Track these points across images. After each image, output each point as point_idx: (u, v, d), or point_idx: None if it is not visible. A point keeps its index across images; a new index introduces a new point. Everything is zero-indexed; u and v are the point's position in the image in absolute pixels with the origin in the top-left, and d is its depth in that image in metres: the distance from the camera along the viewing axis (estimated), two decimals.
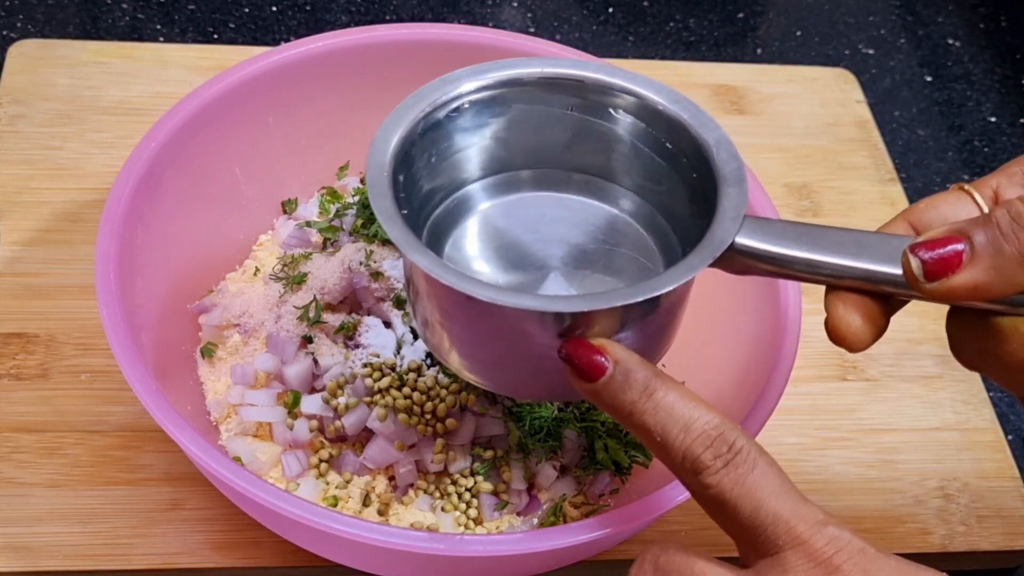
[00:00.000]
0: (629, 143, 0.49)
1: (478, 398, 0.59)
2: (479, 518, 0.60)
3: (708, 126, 0.46)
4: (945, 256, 0.39)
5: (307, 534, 0.53)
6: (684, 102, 0.47)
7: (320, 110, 0.68)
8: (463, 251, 0.49)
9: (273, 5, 0.95)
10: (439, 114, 0.47)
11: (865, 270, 0.42)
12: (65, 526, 0.59)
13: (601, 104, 0.49)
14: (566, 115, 0.49)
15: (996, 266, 0.39)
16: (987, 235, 0.39)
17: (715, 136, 0.46)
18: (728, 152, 0.45)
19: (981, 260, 0.39)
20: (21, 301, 0.68)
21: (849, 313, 0.42)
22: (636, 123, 0.49)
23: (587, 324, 0.42)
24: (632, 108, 0.48)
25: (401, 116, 0.46)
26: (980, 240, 0.39)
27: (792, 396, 0.66)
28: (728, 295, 0.64)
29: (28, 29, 0.88)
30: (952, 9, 1.06)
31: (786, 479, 0.39)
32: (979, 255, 0.39)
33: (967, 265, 0.39)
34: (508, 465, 0.60)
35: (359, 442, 0.61)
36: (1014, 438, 0.74)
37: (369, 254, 0.61)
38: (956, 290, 0.39)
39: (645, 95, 0.48)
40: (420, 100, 0.47)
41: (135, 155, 0.58)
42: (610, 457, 0.62)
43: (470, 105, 0.48)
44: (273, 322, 0.62)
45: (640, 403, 0.40)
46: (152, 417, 0.50)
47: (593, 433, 0.61)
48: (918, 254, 0.40)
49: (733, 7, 1.02)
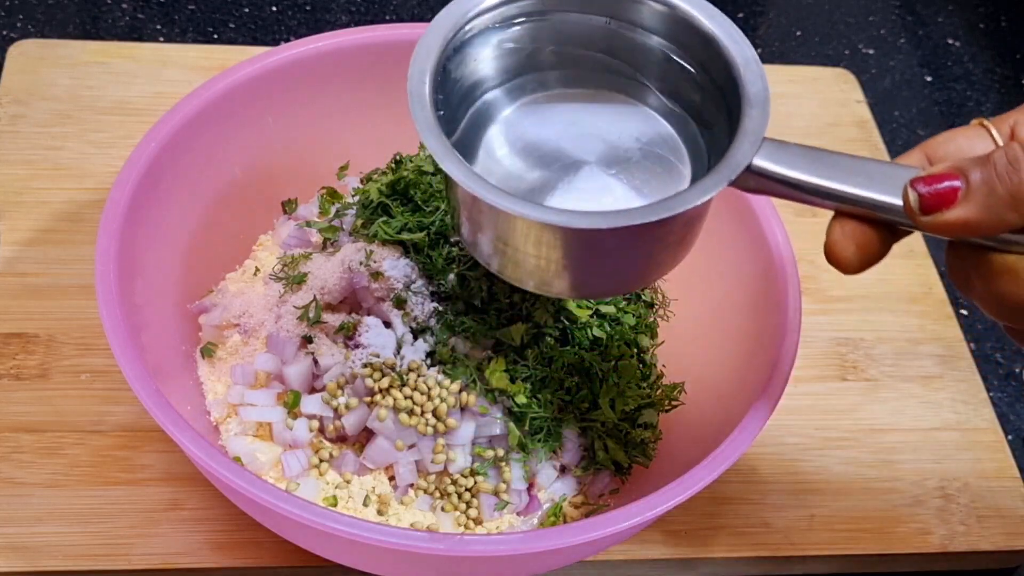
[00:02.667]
0: (662, 55, 0.51)
1: (478, 398, 0.59)
2: (479, 518, 0.60)
3: (739, 43, 0.48)
4: (941, 191, 0.41)
5: (307, 534, 0.53)
6: (718, 17, 0.49)
7: (320, 110, 0.68)
8: (500, 147, 0.51)
9: (273, 5, 0.95)
10: (478, 23, 0.49)
11: (870, 199, 0.43)
12: (65, 526, 0.60)
13: (637, 16, 0.50)
14: (603, 27, 0.51)
15: (987, 205, 0.41)
16: (983, 174, 0.41)
17: (744, 55, 0.47)
18: (755, 72, 0.47)
19: (974, 198, 0.41)
20: (21, 301, 0.68)
21: (844, 238, 0.44)
22: (670, 36, 0.50)
23: (608, 239, 0.45)
24: (667, 21, 0.50)
25: (442, 24, 0.48)
26: (975, 179, 0.41)
27: (792, 396, 0.66)
28: (729, 295, 0.64)
29: (28, 29, 0.88)
30: (952, 9, 1.06)
31: None
32: (973, 193, 0.41)
33: (960, 202, 0.41)
34: (508, 465, 0.60)
35: (359, 442, 0.61)
36: (1014, 438, 0.74)
37: (369, 254, 0.61)
38: (948, 224, 0.41)
39: (679, 6, 0.49)
40: (461, 8, 0.49)
41: (135, 155, 0.58)
42: (610, 457, 0.62)
43: (507, 14, 0.50)
44: (273, 322, 0.62)
45: None
46: (152, 417, 0.50)
47: (593, 433, 0.61)
48: (917, 187, 0.42)
49: (733, 7, 1.02)
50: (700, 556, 0.64)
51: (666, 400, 0.63)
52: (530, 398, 0.59)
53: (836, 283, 0.78)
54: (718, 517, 0.65)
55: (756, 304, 0.61)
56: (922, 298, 0.79)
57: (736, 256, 0.63)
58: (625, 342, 0.63)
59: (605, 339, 0.62)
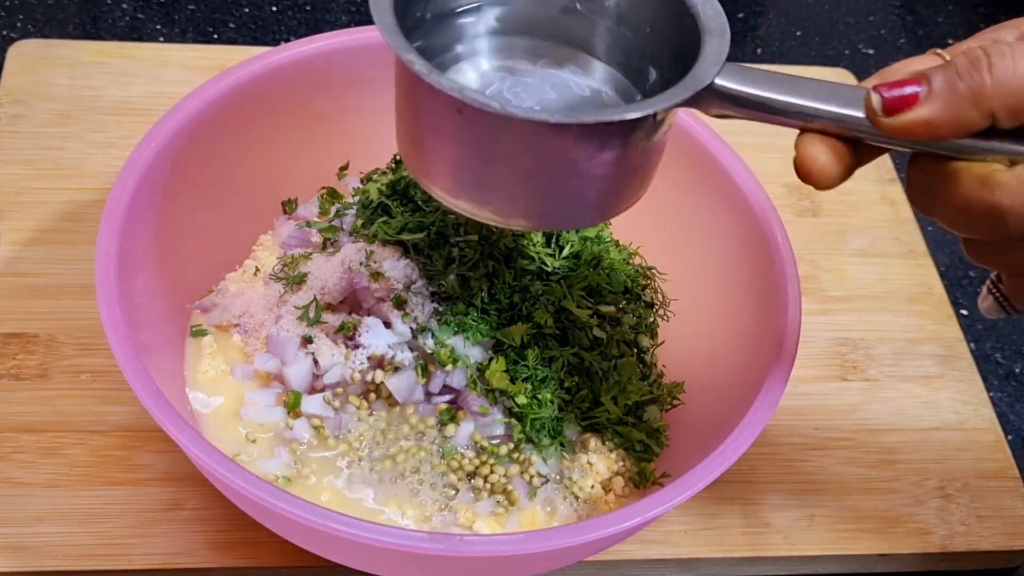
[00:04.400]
0: (615, 15, 0.52)
1: (478, 398, 0.59)
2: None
3: None
4: (904, 95, 0.42)
5: (307, 534, 0.53)
6: None
7: (320, 110, 0.68)
8: None
9: (273, 5, 0.95)
10: None
11: (834, 112, 0.44)
12: (65, 526, 0.60)
13: None
14: None
15: (950, 103, 0.41)
16: (944, 76, 0.41)
17: None
18: (713, 9, 0.48)
19: (936, 98, 0.41)
20: (21, 301, 0.68)
21: (815, 147, 0.44)
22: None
23: (572, 139, 0.44)
24: None
25: None
26: (937, 80, 0.41)
27: (792, 396, 0.66)
28: (729, 295, 0.64)
29: (28, 29, 0.88)
30: (952, 9, 1.06)
31: None
32: (935, 93, 0.41)
33: (923, 102, 0.41)
34: (522, 453, 0.60)
35: None
36: (1014, 438, 0.74)
37: (369, 254, 0.61)
38: (910, 124, 0.42)
39: None
40: None
41: (135, 155, 0.58)
42: (624, 440, 0.61)
43: None
44: (273, 322, 0.62)
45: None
46: (152, 417, 0.50)
47: (603, 429, 0.61)
48: (880, 91, 0.42)
49: (733, 7, 1.02)
50: (700, 556, 0.64)
51: (668, 398, 0.63)
52: (530, 398, 0.59)
53: (836, 283, 0.78)
54: (718, 517, 0.65)
55: (756, 304, 0.61)
56: (922, 298, 0.79)
57: (736, 256, 0.63)
58: (625, 342, 0.63)
59: (605, 339, 0.62)
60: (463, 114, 0.44)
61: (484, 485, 0.59)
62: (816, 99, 0.44)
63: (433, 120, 0.46)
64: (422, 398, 0.60)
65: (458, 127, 0.45)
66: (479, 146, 0.46)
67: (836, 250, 0.81)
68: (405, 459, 0.59)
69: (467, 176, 0.47)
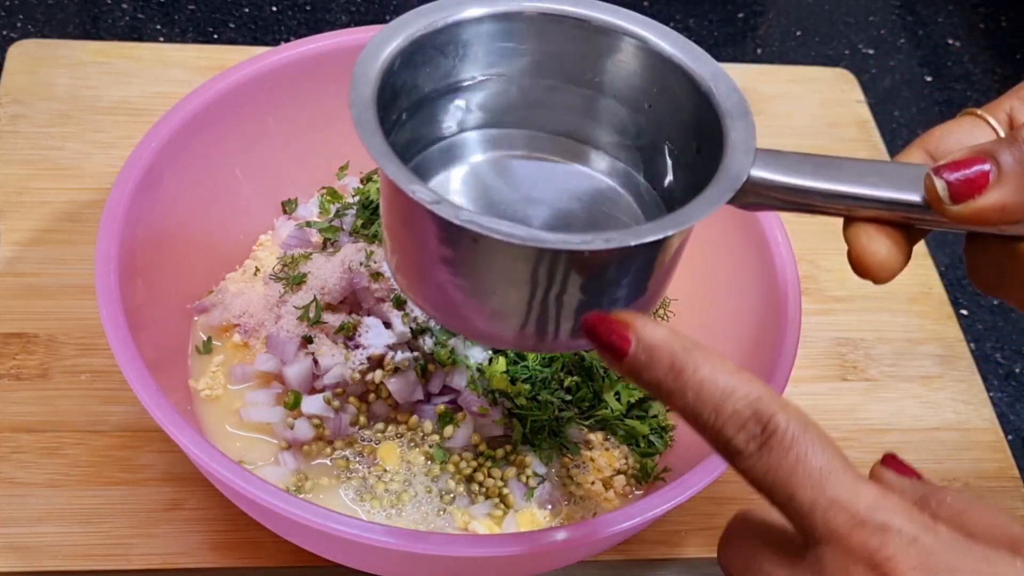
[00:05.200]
0: (613, 93, 0.46)
1: (478, 398, 0.59)
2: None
3: (702, 60, 0.44)
4: (971, 176, 0.38)
5: (307, 534, 0.53)
6: (672, 36, 0.44)
7: (320, 110, 0.68)
8: None
9: (273, 5, 0.95)
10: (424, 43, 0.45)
11: (885, 198, 0.40)
12: (65, 526, 0.59)
13: (596, 47, 0.45)
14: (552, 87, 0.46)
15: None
16: (1014, 155, 0.37)
17: (710, 70, 0.43)
18: (727, 85, 0.43)
19: (1009, 180, 0.37)
20: (21, 301, 0.68)
21: (874, 241, 0.40)
22: (624, 65, 0.45)
23: (585, 267, 0.39)
24: (624, 48, 0.45)
25: (383, 45, 0.44)
26: (1007, 160, 0.37)
27: (792, 396, 0.65)
28: (728, 295, 0.64)
29: (28, 29, 0.88)
30: (952, 9, 1.06)
31: (833, 456, 0.36)
32: (1006, 175, 0.37)
33: (994, 185, 0.37)
34: (520, 455, 0.60)
35: None
36: (1014, 438, 0.74)
37: (369, 254, 0.61)
38: (984, 211, 0.38)
39: (635, 32, 0.44)
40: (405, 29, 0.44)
41: (135, 155, 0.58)
42: (630, 434, 0.61)
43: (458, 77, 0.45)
44: (273, 322, 0.62)
45: (667, 383, 0.36)
46: (152, 417, 0.50)
47: (608, 427, 0.61)
48: (943, 175, 0.38)
49: (733, 7, 1.02)
50: (700, 556, 0.64)
51: None
52: (530, 399, 0.59)
53: (836, 283, 0.78)
54: (718, 517, 0.65)
55: (756, 304, 0.61)
56: (922, 298, 0.79)
57: (735, 256, 0.63)
58: None
59: None
60: (479, 243, 0.38)
61: (480, 489, 0.59)
62: (863, 184, 0.40)
63: (446, 254, 0.40)
64: (422, 398, 0.60)
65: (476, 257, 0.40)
66: (502, 277, 0.40)
67: (836, 250, 0.80)
68: (405, 462, 0.59)
69: (488, 308, 0.41)
